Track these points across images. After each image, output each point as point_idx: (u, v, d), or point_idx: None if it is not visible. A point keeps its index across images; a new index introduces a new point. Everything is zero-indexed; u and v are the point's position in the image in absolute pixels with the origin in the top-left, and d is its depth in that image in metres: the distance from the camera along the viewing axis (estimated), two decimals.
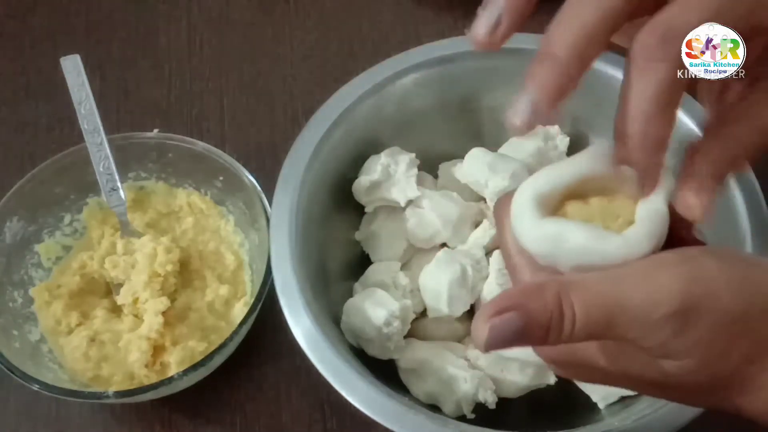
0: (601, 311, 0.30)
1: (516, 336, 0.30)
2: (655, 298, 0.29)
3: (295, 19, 0.76)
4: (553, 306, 0.30)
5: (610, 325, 0.30)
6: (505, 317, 0.30)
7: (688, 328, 0.29)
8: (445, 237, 0.56)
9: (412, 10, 0.76)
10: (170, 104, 0.72)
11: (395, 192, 0.56)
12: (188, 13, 0.77)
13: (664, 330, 0.29)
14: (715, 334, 0.30)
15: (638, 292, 0.29)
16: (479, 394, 0.51)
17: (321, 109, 0.57)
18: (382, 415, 0.46)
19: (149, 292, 0.57)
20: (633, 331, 0.30)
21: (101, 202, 0.61)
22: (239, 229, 0.62)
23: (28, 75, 0.74)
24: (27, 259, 0.59)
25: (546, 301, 0.30)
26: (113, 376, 0.55)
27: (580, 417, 0.52)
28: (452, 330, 0.55)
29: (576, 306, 0.30)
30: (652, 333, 0.29)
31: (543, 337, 0.30)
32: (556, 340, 0.30)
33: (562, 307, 0.30)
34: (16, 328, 0.56)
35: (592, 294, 0.30)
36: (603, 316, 0.30)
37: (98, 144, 0.59)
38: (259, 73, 0.73)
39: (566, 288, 0.30)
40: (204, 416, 0.57)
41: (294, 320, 0.49)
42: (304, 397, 0.57)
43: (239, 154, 0.62)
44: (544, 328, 0.30)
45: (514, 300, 0.30)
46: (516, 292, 0.31)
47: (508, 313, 0.30)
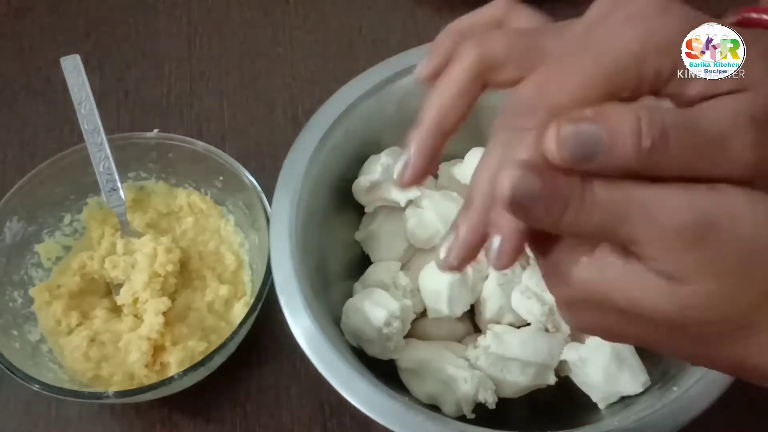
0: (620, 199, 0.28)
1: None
2: (675, 205, 0.28)
3: (295, 19, 0.76)
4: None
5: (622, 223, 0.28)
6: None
7: (702, 243, 0.28)
8: None
9: (412, 10, 0.76)
10: (170, 104, 0.72)
11: (395, 192, 0.56)
12: (188, 13, 0.77)
13: (676, 243, 0.28)
14: (735, 261, 0.28)
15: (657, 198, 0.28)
16: (479, 394, 0.51)
17: (321, 109, 0.57)
18: (382, 415, 0.46)
19: (149, 292, 0.57)
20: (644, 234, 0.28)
21: (101, 202, 0.61)
22: (239, 229, 0.62)
23: (28, 75, 0.74)
24: (27, 259, 0.59)
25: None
26: (113, 376, 0.55)
27: (580, 417, 0.52)
28: (452, 330, 0.55)
29: (596, 187, 0.28)
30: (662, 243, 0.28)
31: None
32: (572, 219, 0.28)
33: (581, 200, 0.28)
34: (16, 328, 0.56)
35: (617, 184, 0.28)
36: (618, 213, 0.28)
37: (98, 144, 0.59)
38: (259, 73, 0.73)
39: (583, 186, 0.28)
40: (204, 416, 0.57)
41: (294, 320, 0.49)
42: (304, 397, 0.57)
43: (239, 154, 0.62)
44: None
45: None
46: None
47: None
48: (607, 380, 0.51)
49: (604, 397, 0.52)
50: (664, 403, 0.46)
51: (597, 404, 0.52)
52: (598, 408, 0.52)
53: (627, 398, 0.51)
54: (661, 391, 0.49)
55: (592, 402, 0.52)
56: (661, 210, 0.28)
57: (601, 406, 0.52)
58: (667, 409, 0.46)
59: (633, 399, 0.51)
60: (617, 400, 0.52)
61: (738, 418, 0.53)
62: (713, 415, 0.45)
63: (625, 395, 0.51)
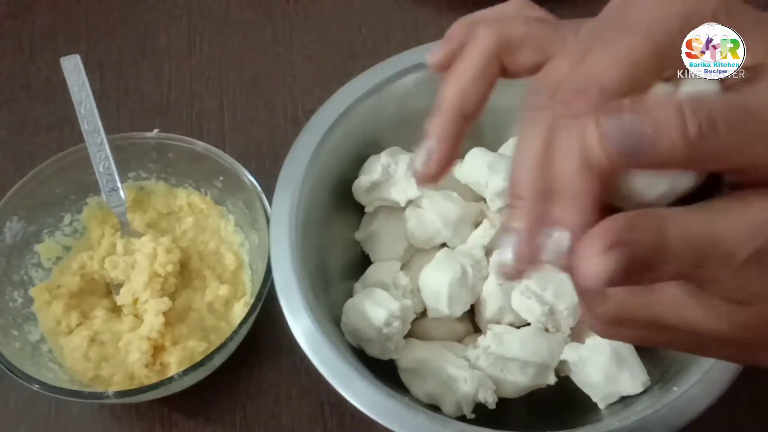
0: (694, 246, 0.27)
1: (623, 276, 0.26)
2: (743, 233, 0.27)
3: (295, 19, 0.76)
4: (657, 240, 0.26)
5: (700, 263, 0.27)
6: (615, 253, 0.26)
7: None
8: (445, 237, 0.56)
9: (412, 10, 0.76)
10: (170, 104, 0.72)
11: (395, 192, 0.56)
12: (188, 13, 0.77)
13: (748, 271, 0.27)
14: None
15: (726, 227, 0.27)
16: (479, 394, 0.51)
17: (321, 109, 0.57)
18: (382, 415, 0.46)
19: (149, 292, 0.57)
20: (720, 269, 0.27)
21: (101, 202, 0.61)
22: (239, 229, 0.62)
23: (28, 75, 0.74)
24: (27, 259, 0.59)
25: (650, 233, 0.27)
26: (113, 376, 0.55)
27: (580, 417, 0.52)
28: (452, 330, 0.55)
29: (672, 242, 0.27)
30: (738, 273, 0.27)
31: (641, 275, 0.27)
32: (651, 279, 0.27)
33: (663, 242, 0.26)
34: (16, 328, 0.56)
35: (686, 228, 0.27)
36: (695, 252, 0.27)
37: (98, 144, 0.59)
38: (259, 73, 0.73)
39: (664, 222, 0.27)
40: (204, 416, 0.57)
41: (294, 320, 0.49)
42: (304, 397, 0.57)
43: (239, 154, 0.62)
44: (648, 264, 0.27)
45: (620, 233, 0.26)
46: (620, 224, 0.27)
47: (618, 249, 0.26)
48: (607, 380, 0.51)
49: (604, 397, 0.52)
50: (664, 403, 0.46)
51: (597, 404, 0.52)
52: (598, 408, 0.52)
53: (627, 398, 0.51)
54: (661, 391, 0.49)
55: (592, 402, 0.52)
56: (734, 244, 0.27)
57: (601, 406, 0.52)
58: (667, 409, 0.46)
59: (633, 399, 0.51)
60: (617, 400, 0.52)
61: (738, 418, 0.53)
62: (713, 415, 0.45)
63: (625, 395, 0.51)
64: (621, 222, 0.27)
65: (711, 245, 0.27)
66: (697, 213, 0.27)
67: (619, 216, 0.27)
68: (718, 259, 0.27)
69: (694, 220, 0.27)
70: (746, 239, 0.27)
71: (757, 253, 0.27)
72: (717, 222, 0.27)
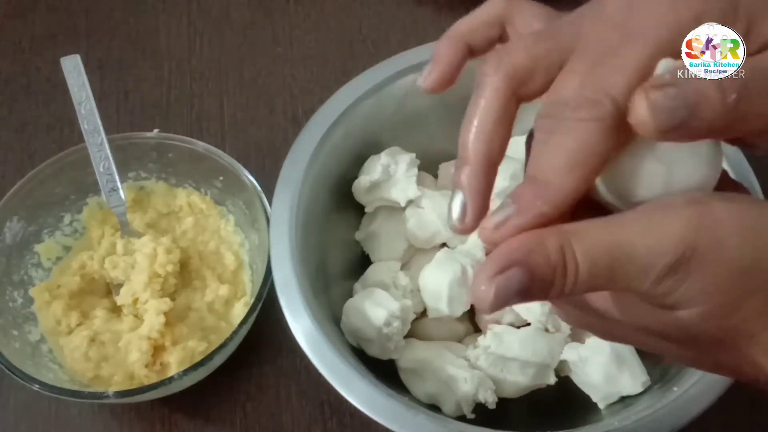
0: (604, 262, 0.28)
1: (520, 294, 0.28)
2: (659, 245, 0.28)
3: (295, 19, 0.76)
4: (557, 260, 0.28)
5: (613, 278, 0.28)
6: (508, 275, 0.28)
7: (692, 275, 0.28)
8: (445, 237, 0.56)
9: (412, 10, 0.76)
10: (170, 104, 0.72)
11: (395, 192, 0.56)
12: (188, 13, 0.77)
13: (667, 281, 0.28)
14: (723, 281, 0.28)
15: (642, 240, 0.28)
16: (479, 394, 0.51)
17: (321, 109, 0.57)
18: (382, 415, 0.46)
19: (149, 292, 0.57)
20: (635, 282, 0.28)
21: (101, 202, 0.61)
22: (239, 229, 0.62)
23: (28, 75, 0.74)
24: (27, 259, 0.59)
25: (549, 254, 0.28)
26: (113, 376, 0.55)
27: (580, 417, 0.52)
28: (452, 330, 0.55)
29: (579, 257, 0.28)
30: (655, 284, 0.28)
31: (546, 292, 0.29)
32: (558, 294, 0.29)
33: (565, 261, 0.28)
34: (16, 328, 0.56)
35: (595, 243, 0.28)
36: (606, 268, 0.28)
37: (98, 144, 0.59)
38: (259, 73, 0.73)
39: (568, 238, 0.28)
40: (204, 416, 0.57)
41: (294, 320, 0.49)
42: (304, 397, 0.57)
43: (239, 154, 0.62)
44: (548, 283, 0.28)
45: (516, 255, 0.28)
46: (516, 245, 0.29)
47: (512, 271, 0.28)
48: (607, 380, 0.51)
49: (604, 397, 0.52)
50: (664, 403, 0.46)
51: (597, 404, 0.52)
52: (598, 408, 0.52)
53: (627, 398, 0.51)
54: (661, 391, 0.49)
55: (592, 402, 0.52)
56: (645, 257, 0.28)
57: (601, 406, 0.52)
58: (667, 409, 0.46)
59: (633, 399, 0.51)
60: (617, 400, 0.52)
61: (738, 418, 0.53)
62: (713, 415, 0.45)
63: (625, 395, 0.51)
64: (517, 244, 0.29)
65: (624, 259, 0.28)
66: (609, 226, 0.29)
67: (522, 236, 0.29)
68: (634, 273, 0.28)
69: (606, 233, 0.28)
70: (661, 252, 0.28)
71: (674, 263, 0.28)
72: (630, 236, 0.28)
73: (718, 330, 0.29)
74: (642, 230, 0.28)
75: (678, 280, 0.28)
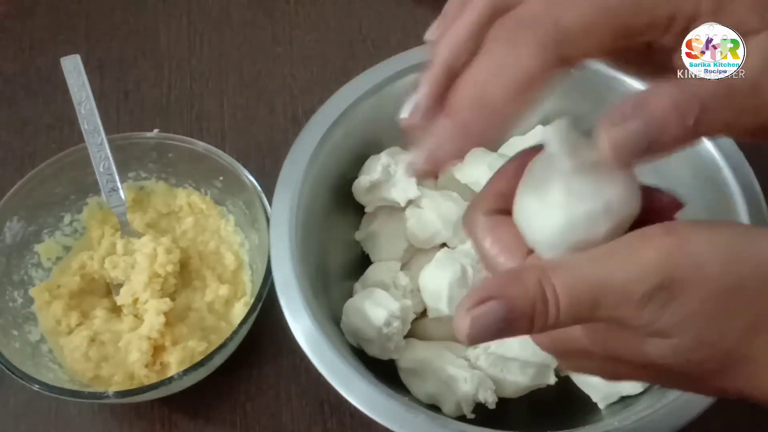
0: (585, 293, 0.29)
1: (500, 327, 0.29)
2: (637, 273, 0.28)
3: (295, 19, 0.76)
4: (535, 292, 0.29)
5: (595, 307, 0.29)
6: (486, 307, 0.29)
7: (673, 302, 0.28)
8: (445, 237, 0.56)
9: (412, 10, 0.76)
10: (170, 104, 0.72)
11: (395, 192, 0.56)
12: (188, 13, 0.77)
13: (649, 307, 0.28)
14: (706, 307, 0.28)
15: (621, 270, 0.28)
16: (479, 394, 0.51)
17: (321, 109, 0.57)
18: (382, 415, 0.46)
19: (149, 292, 0.57)
20: (619, 311, 0.29)
21: (101, 202, 0.61)
22: (239, 229, 0.62)
23: (28, 75, 0.74)
24: (27, 259, 0.59)
25: (527, 287, 0.29)
26: (113, 376, 0.55)
27: (580, 417, 0.52)
28: (452, 330, 0.55)
29: (558, 290, 0.29)
30: (638, 311, 0.28)
31: (528, 325, 0.29)
32: (542, 327, 0.29)
33: (544, 293, 0.29)
34: (16, 328, 0.56)
35: (575, 276, 0.29)
36: (587, 299, 0.29)
37: (98, 144, 0.59)
38: (259, 73, 0.73)
39: (546, 272, 0.29)
40: (204, 416, 0.57)
41: (294, 320, 0.49)
42: (304, 397, 0.57)
43: (239, 154, 0.62)
44: (528, 316, 0.29)
45: (494, 289, 0.29)
46: (495, 280, 0.30)
47: (489, 303, 0.29)
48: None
49: (604, 397, 0.52)
50: (664, 403, 0.46)
51: (597, 404, 0.52)
52: (598, 408, 0.52)
53: (627, 398, 0.51)
54: (661, 391, 0.49)
55: (592, 402, 0.52)
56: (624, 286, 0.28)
57: (601, 406, 0.52)
58: (667, 409, 0.46)
59: (633, 399, 0.51)
60: (617, 400, 0.52)
61: (738, 418, 0.53)
62: (713, 415, 0.45)
63: (625, 395, 0.51)
64: (495, 281, 0.30)
65: (604, 288, 0.28)
66: (587, 259, 0.29)
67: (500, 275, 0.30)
68: (615, 302, 0.28)
69: (584, 265, 0.29)
70: (639, 279, 0.28)
71: (653, 290, 0.28)
72: (609, 266, 0.29)
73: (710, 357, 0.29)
74: (621, 260, 0.29)
75: (661, 306, 0.28)
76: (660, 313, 0.28)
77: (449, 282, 0.52)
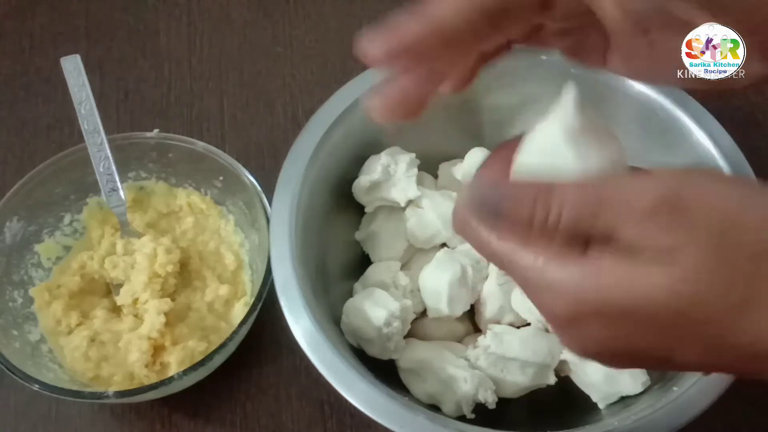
0: (591, 195, 0.29)
1: (500, 203, 0.31)
2: (642, 186, 0.29)
3: (295, 19, 0.76)
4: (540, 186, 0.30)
5: (597, 212, 0.29)
6: (493, 183, 0.31)
7: (679, 219, 0.28)
8: (445, 237, 0.56)
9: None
10: (170, 104, 0.72)
11: (395, 192, 0.56)
12: (188, 13, 0.77)
13: (654, 221, 0.28)
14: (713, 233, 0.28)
15: (627, 182, 0.29)
16: (479, 394, 0.51)
17: (321, 109, 0.57)
18: (382, 415, 0.46)
19: (149, 292, 0.57)
20: (621, 221, 0.29)
21: (101, 202, 0.61)
22: (239, 229, 0.62)
23: (28, 75, 0.74)
24: (27, 259, 0.59)
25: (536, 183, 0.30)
26: (113, 376, 0.55)
27: (580, 417, 0.52)
28: (452, 330, 0.55)
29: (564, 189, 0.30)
30: (641, 226, 0.28)
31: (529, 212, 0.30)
32: (542, 221, 0.30)
33: (550, 188, 0.30)
34: (16, 328, 0.56)
35: (582, 184, 0.30)
36: (592, 200, 0.29)
37: (98, 144, 0.59)
38: (259, 73, 0.73)
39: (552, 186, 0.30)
40: (204, 416, 0.57)
41: (294, 320, 0.49)
42: (304, 397, 0.57)
43: (239, 154, 0.62)
44: (531, 200, 0.30)
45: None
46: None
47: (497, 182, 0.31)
48: (606, 380, 0.51)
49: (604, 397, 0.52)
50: (664, 403, 0.46)
51: (597, 404, 0.52)
52: (598, 408, 0.52)
53: (627, 398, 0.51)
54: (661, 391, 0.49)
55: (592, 402, 0.52)
56: (630, 194, 0.29)
57: (601, 406, 0.52)
58: (667, 409, 0.46)
59: (633, 399, 0.51)
60: (617, 400, 0.52)
61: (738, 418, 0.53)
62: (713, 415, 0.45)
63: (625, 395, 0.51)
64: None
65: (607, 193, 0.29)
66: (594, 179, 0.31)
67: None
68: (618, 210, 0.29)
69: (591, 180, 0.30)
70: (642, 190, 0.28)
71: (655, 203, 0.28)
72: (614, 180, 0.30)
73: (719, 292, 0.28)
74: (627, 178, 0.30)
75: (667, 222, 0.28)
76: (664, 232, 0.28)
77: (449, 282, 0.52)
